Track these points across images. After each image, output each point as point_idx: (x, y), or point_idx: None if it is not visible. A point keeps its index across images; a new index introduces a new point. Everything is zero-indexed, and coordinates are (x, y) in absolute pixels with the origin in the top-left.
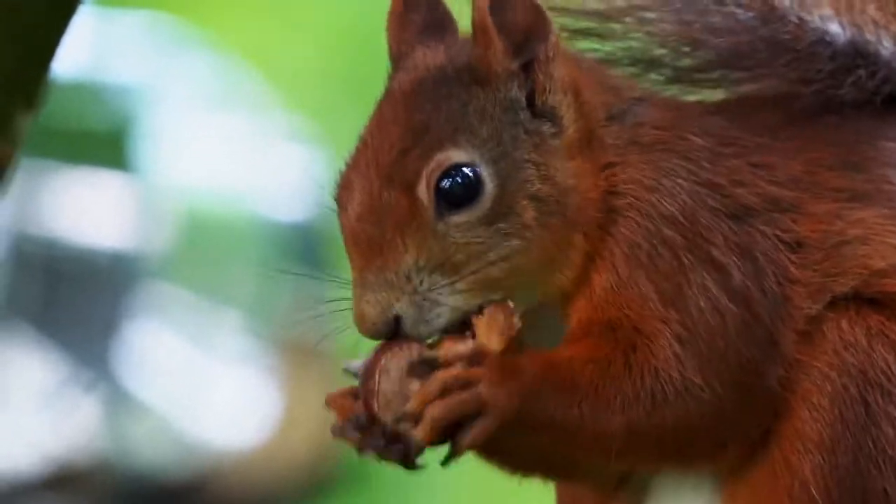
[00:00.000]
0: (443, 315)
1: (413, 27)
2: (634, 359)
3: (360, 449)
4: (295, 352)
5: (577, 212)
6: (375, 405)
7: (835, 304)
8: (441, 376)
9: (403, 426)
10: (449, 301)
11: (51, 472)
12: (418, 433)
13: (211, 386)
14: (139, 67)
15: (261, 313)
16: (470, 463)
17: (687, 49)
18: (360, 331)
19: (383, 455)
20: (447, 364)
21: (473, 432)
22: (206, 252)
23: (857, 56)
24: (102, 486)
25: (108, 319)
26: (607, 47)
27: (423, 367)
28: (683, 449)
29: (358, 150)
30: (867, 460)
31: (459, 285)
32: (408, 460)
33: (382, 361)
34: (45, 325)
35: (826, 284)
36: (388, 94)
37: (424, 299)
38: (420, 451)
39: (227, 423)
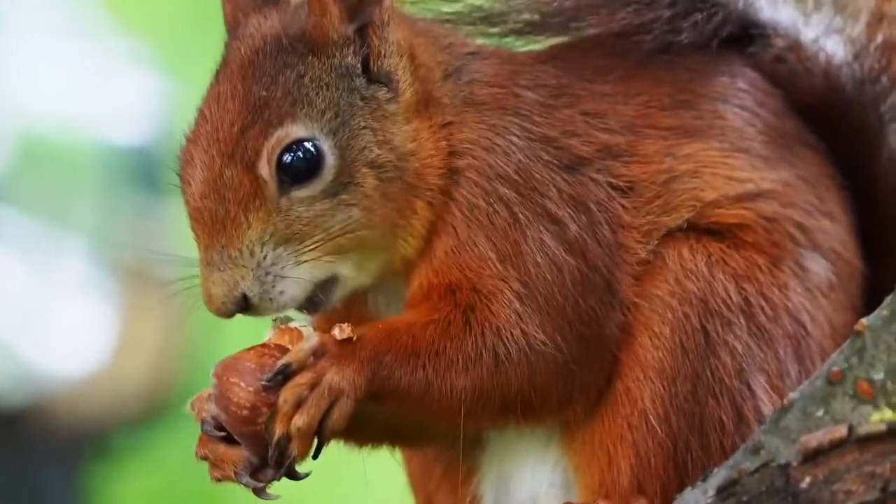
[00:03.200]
0: (287, 289)
1: None
2: (474, 318)
3: (259, 491)
4: (134, 278)
5: (418, 177)
6: (230, 414)
7: (673, 234)
8: (291, 391)
9: (277, 450)
10: (293, 274)
11: None
12: (294, 450)
13: (49, 311)
14: None
15: (101, 239)
16: None
17: (532, 7)
18: (210, 311)
19: (275, 480)
20: (295, 370)
21: (333, 420)
22: (46, 177)
23: (696, 0)
24: None
25: None
26: (456, 6)
27: (275, 381)
28: (531, 406)
29: (197, 123)
30: (705, 389)
31: (302, 257)
32: (294, 474)
33: (231, 379)
34: None
35: (659, 223)
36: (225, 66)
37: (268, 273)
38: (300, 461)
39: (64, 349)
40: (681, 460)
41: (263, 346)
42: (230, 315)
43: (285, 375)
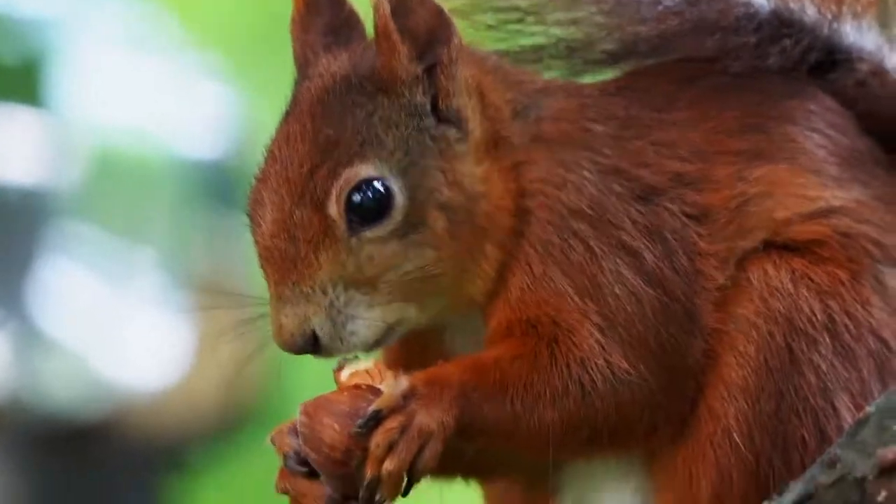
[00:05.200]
0: (358, 331)
1: (317, 30)
2: (558, 350)
3: None
4: (208, 291)
5: (488, 220)
6: (321, 455)
7: (755, 253)
8: (383, 436)
9: (368, 491)
10: (365, 315)
11: None
12: (385, 491)
13: (123, 325)
14: (53, 1)
15: (175, 253)
16: None
17: (615, 36)
18: (279, 344)
19: None
20: (386, 415)
21: (424, 461)
22: (119, 190)
23: (782, 26)
24: (12, 425)
25: (20, 257)
26: (536, 39)
27: (367, 427)
28: (617, 436)
29: (267, 163)
30: (789, 408)
31: (375, 299)
32: None
33: (325, 420)
34: None
35: (735, 247)
36: (295, 105)
37: (340, 314)
38: (390, 502)
39: (139, 363)
40: (762, 478)
41: (356, 387)
42: (298, 351)
43: (377, 420)
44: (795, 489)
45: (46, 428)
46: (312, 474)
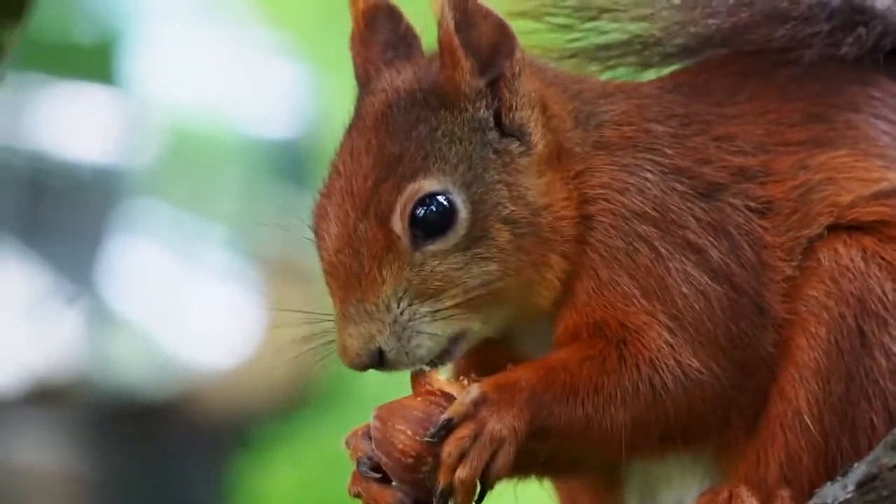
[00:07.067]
0: (423, 344)
1: (377, 46)
2: (627, 351)
3: None
4: (278, 268)
5: (552, 231)
6: (392, 460)
7: (820, 238)
8: (455, 444)
9: (441, 499)
10: (429, 329)
11: (30, 387)
12: (458, 499)
13: (193, 303)
14: None
15: (245, 229)
16: None
17: (689, 30)
18: (345, 363)
19: None
20: (458, 423)
21: (497, 468)
22: (191, 168)
23: (854, 13)
24: (82, 401)
25: (92, 234)
26: (611, 37)
27: (439, 435)
28: (690, 433)
29: (331, 178)
30: (858, 390)
31: (440, 313)
32: None
33: (397, 426)
34: (29, 239)
35: (800, 237)
36: (358, 120)
37: (405, 329)
38: None
39: (208, 341)
40: (831, 460)
41: (430, 392)
42: (364, 368)
43: (449, 429)
44: (859, 470)
45: (116, 405)
46: (385, 480)
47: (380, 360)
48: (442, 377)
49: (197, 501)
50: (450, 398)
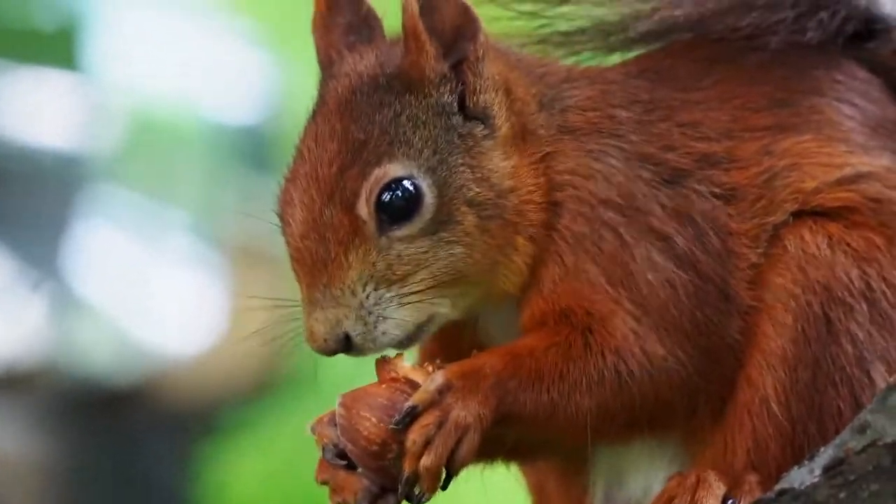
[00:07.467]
0: (389, 330)
1: (339, 29)
2: (593, 339)
3: None
4: (242, 253)
5: (518, 214)
6: (358, 447)
7: (786, 224)
8: (419, 432)
9: (406, 486)
10: (396, 315)
11: None
12: (423, 487)
13: (157, 288)
14: None
15: (208, 215)
16: None
17: (653, 18)
18: (312, 348)
19: None
20: (422, 410)
21: (461, 455)
22: (153, 153)
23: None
24: (47, 387)
25: (55, 219)
26: (575, 23)
27: (404, 423)
28: (656, 420)
29: (296, 163)
30: (825, 377)
31: (406, 297)
32: (417, 502)
33: (362, 413)
34: None
35: (765, 223)
36: (322, 105)
37: (370, 314)
38: (429, 496)
39: (173, 327)
40: (798, 446)
41: (394, 380)
42: (331, 353)
43: (413, 416)
44: (826, 454)
45: (81, 392)
46: (351, 467)
47: (346, 345)
48: (407, 364)
49: (163, 487)
50: (414, 385)
